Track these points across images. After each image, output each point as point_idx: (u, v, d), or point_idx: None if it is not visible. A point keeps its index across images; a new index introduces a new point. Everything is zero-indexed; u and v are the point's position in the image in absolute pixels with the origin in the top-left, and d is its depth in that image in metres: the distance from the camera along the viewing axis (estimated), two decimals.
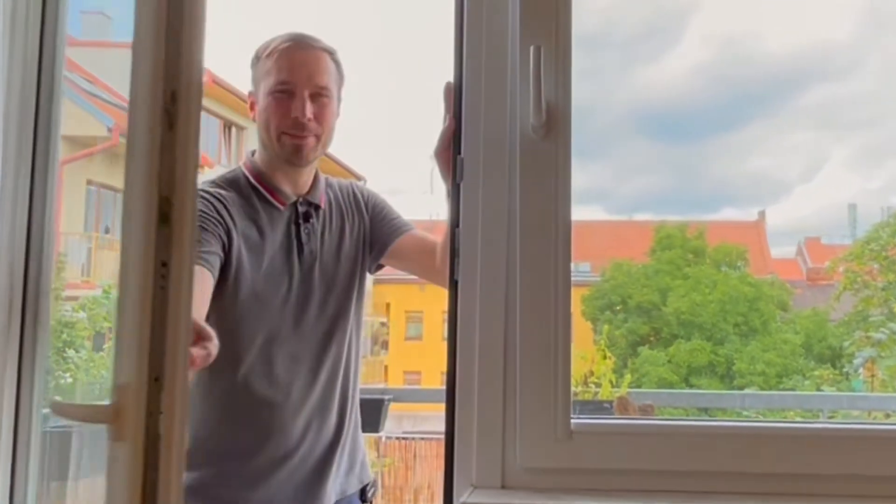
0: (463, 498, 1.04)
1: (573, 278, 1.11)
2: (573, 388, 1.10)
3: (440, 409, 1.15)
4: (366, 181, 13.01)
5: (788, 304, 13.49)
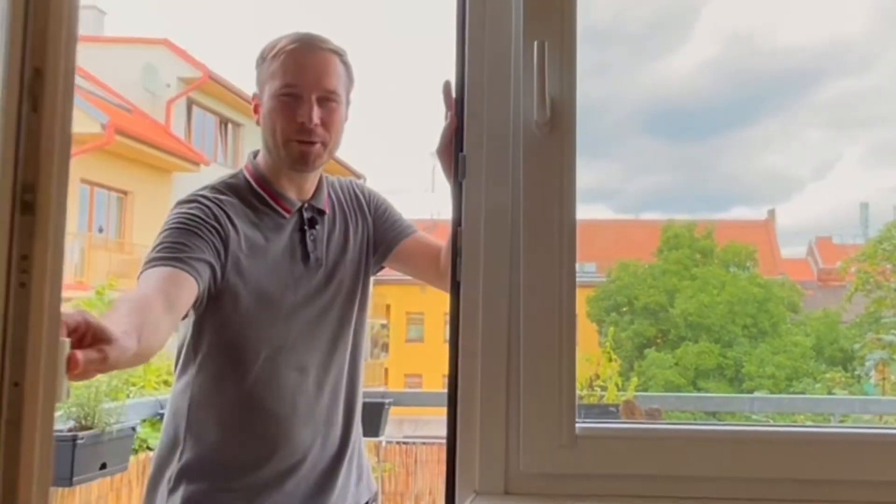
0: None
1: (578, 279, 1.10)
2: (578, 392, 1.10)
3: (442, 413, 1.15)
4: (366, 179, 13.02)
5: (799, 306, 13.49)
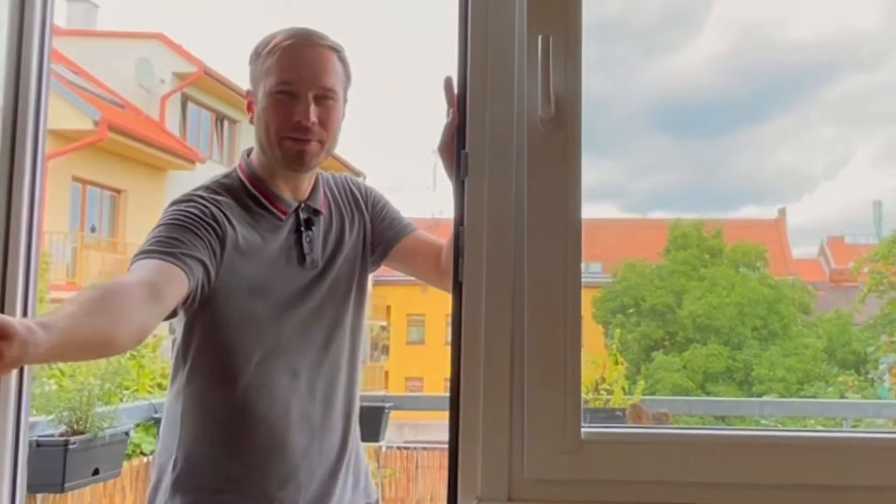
0: None
1: (584, 279, 1.11)
2: (584, 396, 1.10)
3: (443, 417, 1.15)
4: (365, 177, 13.03)
5: (810, 307, 13.45)
